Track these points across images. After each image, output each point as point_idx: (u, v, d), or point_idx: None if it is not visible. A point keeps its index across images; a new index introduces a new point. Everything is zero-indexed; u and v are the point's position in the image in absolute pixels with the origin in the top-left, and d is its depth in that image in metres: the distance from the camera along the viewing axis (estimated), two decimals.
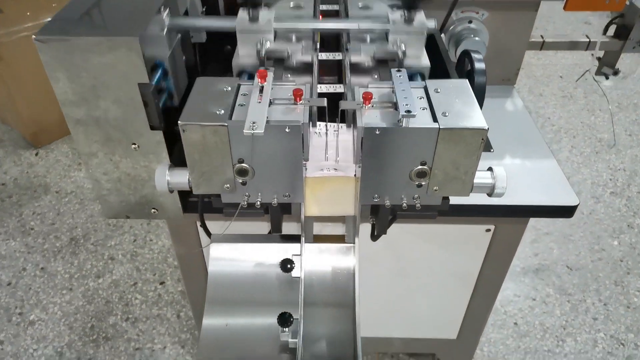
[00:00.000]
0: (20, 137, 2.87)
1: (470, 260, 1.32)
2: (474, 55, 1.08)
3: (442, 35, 1.31)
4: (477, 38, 1.32)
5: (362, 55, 0.95)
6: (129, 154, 0.95)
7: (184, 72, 1.00)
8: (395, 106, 0.76)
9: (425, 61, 0.94)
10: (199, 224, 1.08)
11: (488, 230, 1.23)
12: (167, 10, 0.89)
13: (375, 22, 0.95)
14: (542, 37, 1.50)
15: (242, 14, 0.92)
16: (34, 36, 0.80)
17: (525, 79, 3.35)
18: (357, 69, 0.96)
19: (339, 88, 0.92)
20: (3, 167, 2.69)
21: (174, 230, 1.30)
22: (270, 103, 0.76)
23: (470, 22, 1.34)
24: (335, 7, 1.15)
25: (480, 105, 1.05)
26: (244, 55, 0.93)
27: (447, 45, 1.35)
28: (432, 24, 0.93)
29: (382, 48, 0.95)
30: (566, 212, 1.12)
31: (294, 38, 0.97)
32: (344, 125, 0.86)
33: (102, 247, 2.25)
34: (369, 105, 0.76)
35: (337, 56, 0.99)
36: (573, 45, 1.50)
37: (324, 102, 0.77)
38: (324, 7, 1.13)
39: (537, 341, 1.88)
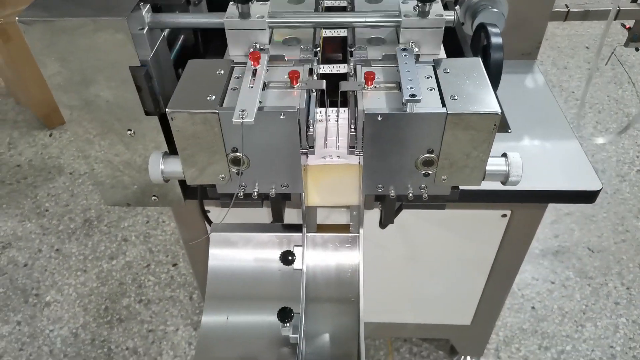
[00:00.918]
0: (34, 118, 2.87)
1: (486, 246, 1.27)
2: (490, 29, 1.00)
3: (457, 7, 1.22)
4: (494, 9, 1.23)
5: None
6: (124, 141, 0.91)
7: (172, 74, 0.89)
8: (400, 87, 0.70)
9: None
10: None
11: (504, 215, 1.17)
12: (148, 6, 0.79)
13: (385, 16, 0.81)
14: (566, 6, 1.40)
15: (232, 9, 0.80)
16: (17, 18, 0.76)
17: (549, 50, 3.20)
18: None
19: (342, 68, 0.86)
20: (18, 148, 2.70)
21: (178, 216, 1.28)
22: (265, 86, 0.70)
23: None
24: (343, 2, 1.02)
25: (496, 84, 0.98)
26: (235, 56, 0.81)
27: (462, 18, 1.26)
28: (451, 16, 0.81)
29: (392, 51, 0.80)
30: (588, 197, 1.05)
31: (292, 41, 0.85)
32: (346, 109, 0.80)
33: (115, 228, 2.25)
34: (372, 86, 0.70)
35: (342, 69, 0.88)
36: (600, 15, 1.40)
37: (323, 84, 0.71)
38: (328, 2, 1.01)
39: (555, 326, 1.82)
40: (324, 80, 0.72)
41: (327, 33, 0.94)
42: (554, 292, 1.93)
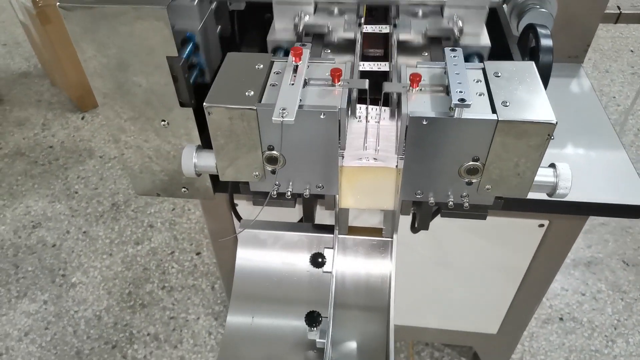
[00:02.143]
0: (68, 100, 2.91)
1: (519, 255, 1.22)
2: (540, 31, 0.95)
3: (504, 5, 1.17)
4: (543, 9, 1.17)
5: (412, 33, 0.84)
6: (158, 131, 0.90)
7: (217, 45, 0.93)
8: (447, 90, 0.67)
9: (485, 40, 0.83)
10: None
11: (541, 225, 1.12)
12: None
13: None
14: (618, 7, 1.33)
15: None
16: (58, 3, 0.75)
17: (590, 52, 3.05)
18: (405, 46, 0.85)
19: (383, 66, 0.83)
20: (52, 129, 2.75)
21: (206, 208, 1.27)
22: (306, 83, 0.68)
23: None
24: None
25: (544, 88, 0.93)
26: (280, 29, 0.85)
27: (508, 17, 1.21)
28: None
29: (436, 24, 0.83)
30: (634, 211, 1.00)
31: (336, 11, 0.86)
32: (387, 109, 0.77)
33: (142, 214, 2.27)
34: (417, 88, 0.67)
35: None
36: None
37: (365, 83, 0.69)
38: None
39: (583, 339, 1.76)
40: (367, 80, 0.69)
41: (369, 29, 0.91)
42: (584, 304, 1.87)
